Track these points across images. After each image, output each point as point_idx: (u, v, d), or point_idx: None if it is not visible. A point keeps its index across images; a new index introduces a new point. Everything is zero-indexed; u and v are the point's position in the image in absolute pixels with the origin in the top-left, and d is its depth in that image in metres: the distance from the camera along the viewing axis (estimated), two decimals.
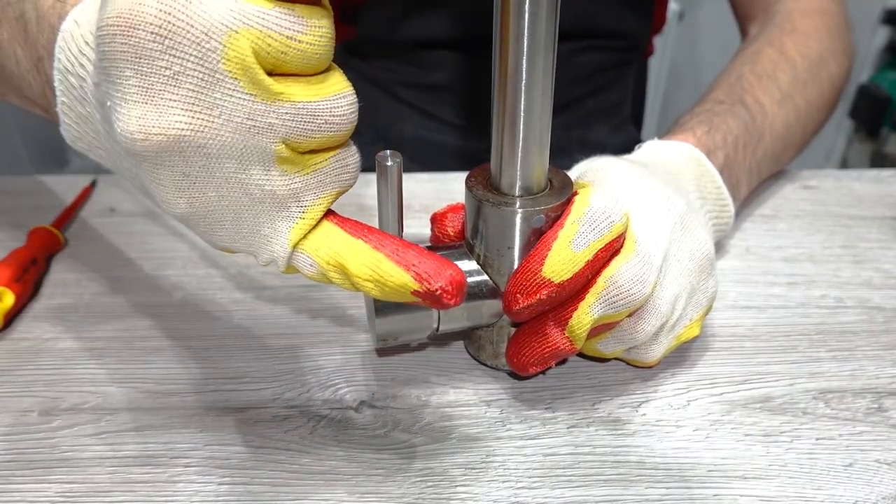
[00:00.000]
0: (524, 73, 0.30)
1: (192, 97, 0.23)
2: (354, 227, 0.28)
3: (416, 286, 0.26)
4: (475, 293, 0.34)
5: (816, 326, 0.41)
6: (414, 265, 0.27)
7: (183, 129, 0.23)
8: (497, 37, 0.30)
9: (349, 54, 0.72)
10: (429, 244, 0.36)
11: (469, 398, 0.36)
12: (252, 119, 0.24)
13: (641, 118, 0.87)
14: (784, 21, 0.57)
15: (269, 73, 0.24)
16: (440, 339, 0.39)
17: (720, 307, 0.42)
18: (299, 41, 0.23)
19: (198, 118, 0.23)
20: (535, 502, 0.30)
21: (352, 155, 0.28)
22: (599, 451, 0.33)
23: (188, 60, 0.23)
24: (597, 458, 0.32)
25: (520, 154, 0.32)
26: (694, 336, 0.36)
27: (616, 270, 0.32)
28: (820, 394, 0.36)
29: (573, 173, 0.38)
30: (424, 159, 0.69)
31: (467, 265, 0.35)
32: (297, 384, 0.36)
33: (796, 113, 0.51)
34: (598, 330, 0.34)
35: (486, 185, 0.34)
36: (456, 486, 0.31)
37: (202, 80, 0.23)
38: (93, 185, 0.55)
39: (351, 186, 0.28)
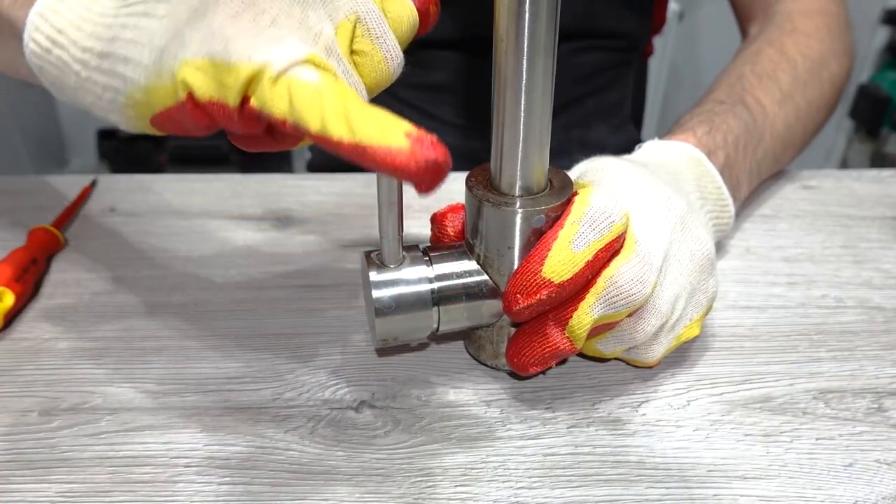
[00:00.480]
0: (524, 73, 0.30)
1: None
2: None
3: (410, 127, 0.25)
4: (475, 293, 0.34)
5: (816, 326, 0.41)
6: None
7: None
8: (497, 37, 0.30)
9: None
10: (429, 244, 0.36)
11: (469, 398, 0.36)
12: None
13: (641, 118, 0.87)
14: (784, 21, 0.57)
15: None
16: (440, 339, 0.39)
17: (720, 307, 0.42)
18: None
19: None
20: (535, 502, 0.30)
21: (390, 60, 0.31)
22: (599, 451, 0.33)
23: None
24: (597, 458, 0.33)
25: (520, 154, 0.32)
26: (694, 336, 0.36)
27: (616, 271, 0.32)
28: (820, 394, 0.36)
29: (573, 173, 0.38)
30: None
31: (467, 265, 0.35)
32: (297, 384, 0.36)
33: (797, 113, 0.51)
34: (598, 330, 0.34)
35: (486, 185, 0.34)
36: (456, 486, 0.31)
37: None
38: (93, 185, 0.55)
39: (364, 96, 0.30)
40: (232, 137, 0.31)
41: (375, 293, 0.33)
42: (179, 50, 0.27)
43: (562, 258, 0.31)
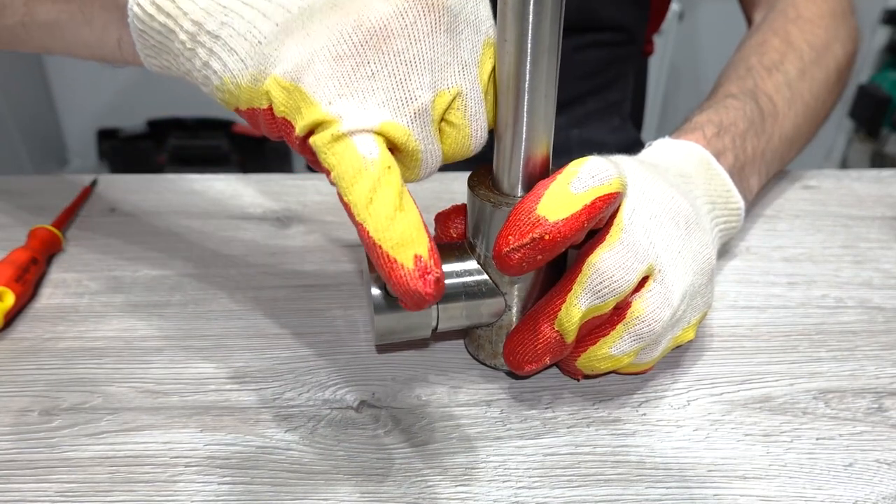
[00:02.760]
0: (527, 74, 0.30)
1: None
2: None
3: (424, 251, 0.26)
4: (475, 292, 0.34)
5: (816, 326, 0.41)
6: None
7: None
8: (500, 37, 0.30)
9: None
10: None
11: (469, 398, 0.36)
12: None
13: (641, 118, 0.87)
14: (788, 7, 0.56)
15: None
16: (440, 338, 0.39)
17: (720, 307, 0.42)
18: None
19: None
20: (535, 502, 0.30)
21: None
22: (599, 451, 0.33)
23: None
24: (597, 458, 0.33)
25: (522, 155, 0.32)
26: (688, 340, 0.36)
27: (598, 257, 0.32)
28: (820, 394, 0.36)
29: None
30: None
31: (468, 264, 0.35)
32: (297, 384, 0.36)
33: (805, 110, 0.51)
34: (604, 330, 0.33)
35: (487, 186, 0.34)
36: (456, 486, 0.31)
37: None
38: (93, 185, 0.55)
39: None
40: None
41: (374, 290, 0.33)
42: (276, 64, 0.28)
43: (559, 196, 0.30)
